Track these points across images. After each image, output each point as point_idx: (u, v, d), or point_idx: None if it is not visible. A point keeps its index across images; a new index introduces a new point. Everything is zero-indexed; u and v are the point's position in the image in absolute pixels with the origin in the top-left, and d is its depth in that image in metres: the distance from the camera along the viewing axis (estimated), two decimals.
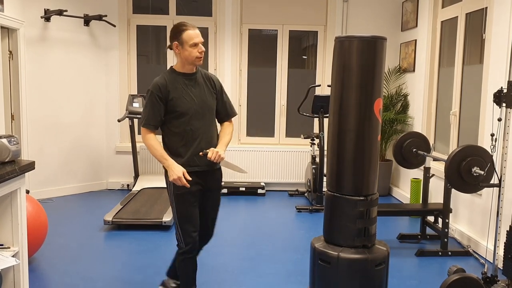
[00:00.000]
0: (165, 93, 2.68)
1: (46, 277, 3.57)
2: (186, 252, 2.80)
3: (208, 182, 2.84)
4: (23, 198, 2.66)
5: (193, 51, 2.67)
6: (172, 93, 2.69)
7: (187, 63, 2.72)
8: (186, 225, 2.77)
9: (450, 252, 4.10)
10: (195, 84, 2.77)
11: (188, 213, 2.77)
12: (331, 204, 2.83)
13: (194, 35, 2.67)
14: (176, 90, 2.70)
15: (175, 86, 2.71)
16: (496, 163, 3.38)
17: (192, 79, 2.77)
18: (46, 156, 5.79)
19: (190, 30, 2.68)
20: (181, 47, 2.69)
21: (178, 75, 2.75)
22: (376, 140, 2.76)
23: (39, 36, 5.65)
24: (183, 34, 2.67)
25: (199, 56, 2.69)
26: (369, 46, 2.68)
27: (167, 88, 2.68)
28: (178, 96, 2.70)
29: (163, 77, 2.73)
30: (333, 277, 2.73)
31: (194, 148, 2.74)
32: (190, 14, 6.48)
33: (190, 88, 2.75)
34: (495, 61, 3.99)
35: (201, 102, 2.75)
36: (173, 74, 2.75)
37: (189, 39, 2.66)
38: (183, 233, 2.77)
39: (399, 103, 6.16)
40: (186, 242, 2.78)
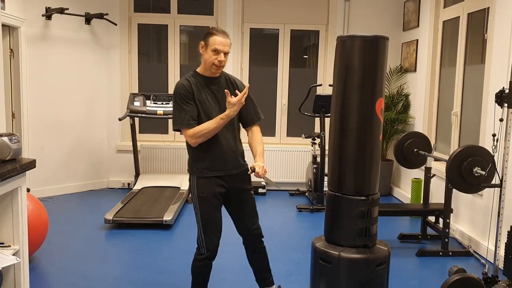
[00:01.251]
0: (191, 93, 2.67)
1: (47, 276, 3.57)
2: (206, 258, 2.77)
3: (232, 184, 2.81)
4: (24, 197, 2.66)
5: (212, 57, 2.65)
6: (196, 95, 2.68)
7: (206, 66, 2.71)
8: (210, 230, 2.75)
9: (451, 252, 4.10)
10: (218, 88, 2.75)
11: (212, 217, 2.76)
12: (332, 203, 2.83)
13: (219, 41, 2.65)
14: (200, 93, 2.69)
15: (198, 88, 2.70)
16: (498, 164, 3.37)
17: (214, 83, 2.75)
18: (47, 155, 5.79)
19: (219, 36, 2.66)
20: (204, 49, 2.69)
21: (201, 78, 2.74)
22: (377, 140, 2.75)
23: (40, 35, 5.64)
24: (210, 37, 2.66)
25: (216, 63, 2.66)
26: (371, 45, 2.67)
27: (192, 89, 2.68)
28: (201, 100, 2.69)
29: (186, 79, 2.73)
30: (334, 277, 2.73)
31: (217, 154, 2.73)
32: (191, 13, 6.47)
33: (213, 92, 2.74)
34: (497, 61, 3.98)
35: (223, 106, 2.70)
36: (196, 77, 2.74)
37: (213, 44, 2.64)
38: (206, 238, 2.74)
39: (401, 103, 6.16)
40: (208, 248, 2.75)
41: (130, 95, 5.87)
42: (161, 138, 6.46)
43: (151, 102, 5.82)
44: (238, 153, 2.83)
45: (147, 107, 5.76)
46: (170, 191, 5.75)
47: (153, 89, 6.30)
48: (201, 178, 2.75)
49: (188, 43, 6.80)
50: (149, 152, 6.33)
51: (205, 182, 2.74)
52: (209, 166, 2.73)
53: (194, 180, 2.76)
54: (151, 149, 6.33)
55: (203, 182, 2.75)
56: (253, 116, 2.88)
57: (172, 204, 5.16)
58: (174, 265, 3.78)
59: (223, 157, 2.75)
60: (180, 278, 3.51)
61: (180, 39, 6.46)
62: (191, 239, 4.41)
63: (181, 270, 3.65)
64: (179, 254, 4.04)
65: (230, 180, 2.79)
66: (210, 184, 2.74)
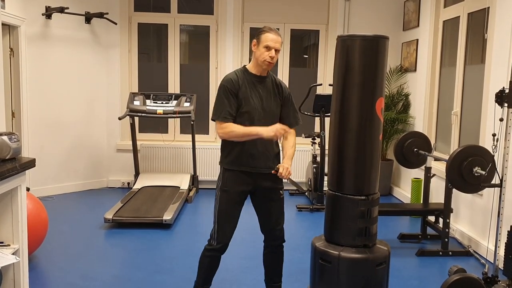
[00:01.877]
0: (237, 88, 2.73)
1: (46, 275, 3.57)
2: (215, 250, 2.82)
3: (260, 182, 2.83)
4: (23, 196, 2.66)
5: (264, 53, 2.72)
6: (242, 91, 2.74)
7: (257, 63, 2.77)
8: (224, 223, 2.79)
9: (451, 252, 4.10)
10: (263, 87, 2.81)
11: (229, 211, 2.80)
12: (332, 203, 2.83)
13: (271, 38, 2.72)
14: (246, 88, 2.75)
15: (245, 84, 2.76)
16: (498, 163, 3.37)
17: (261, 81, 2.81)
18: (46, 154, 5.78)
19: (271, 33, 2.73)
20: (256, 46, 2.76)
21: (249, 75, 2.80)
22: (377, 140, 2.75)
23: (40, 34, 5.64)
24: (263, 35, 2.74)
25: (268, 60, 2.72)
26: (371, 45, 2.67)
27: (239, 84, 2.74)
28: (246, 95, 2.74)
29: (235, 74, 2.79)
30: (334, 276, 2.72)
31: (249, 149, 2.76)
32: (191, 12, 6.47)
33: (258, 90, 2.79)
34: (497, 61, 3.98)
35: (265, 105, 2.79)
36: (245, 73, 2.80)
37: (265, 40, 2.72)
38: (219, 230, 2.79)
39: (401, 103, 6.15)
40: (219, 241, 2.79)
41: (130, 94, 5.87)
42: (161, 138, 6.46)
43: (151, 102, 5.82)
44: (272, 154, 2.86)
45: (147, 106, 5.76)
46: (170, 190, 5.75)
47: (153, 89, 6.30)
48: (228, 170, 2.79)
49: (188, 42, 6.80)
50: (149, 151, 6.33)
51: (231, 177, 2.78)
52: (239, 160, 2.77)
53: (221, 171, 2.82)
54: (151, 148, 6.33)
55: (229, 176, 2.78)
56: (292, 121, 2.93)
57: (171, 203, 5.16)
58: (174, 265, 3.78)
59: (255, 154, 2.78)
60: (180, 278, 3.51)
61: (180, 39, 6.46)
62: (191, 239, 4.43)
63: (181, 270, 3.65)
64: (178, 253, 4.04)
65: (259, 178, 2.82)
66: (235, 180, 2.77)
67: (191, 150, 6.11)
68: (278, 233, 2.96)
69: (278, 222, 2.94)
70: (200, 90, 6.40)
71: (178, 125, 6.55)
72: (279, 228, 2.95)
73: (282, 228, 2.96)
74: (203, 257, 2.88)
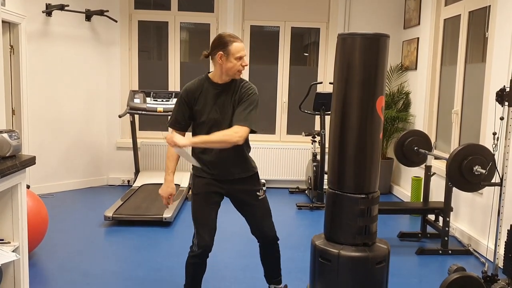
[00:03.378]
0: (191, 99, 2.70)
1: (46, 272, 3.57)
2: (197, 256, 2.77)
3: (231, 187, 2.80)
4: (23, 193, 2.66)
5: (237, 64, 2.65)
6: (199, 101, 2.69)
7: (226, 74, 2.68)
8: (200, 227, 2.75)
9: (451, 251, 4.10)
10: (225, 96, 2.72)
11: (202, 214, 2.76)
12: (332, 201, 2.83)
13: (241, 48, 2.65)
14: (205, 98, 2.70)
15: (203, 96, 2.70)
16: (498, 162, 3.37)
17: (224, 90, 2.72)
18: (46, 151, 5.79)
19: (238, 43, 2.65)
20: (225, 58, 2.64)
21: (212, 85, 2.72)
22: (378, 138, 2.75)
23: (40, 31, 5.63)
24: (231, 46, 2.62)
25: (241, 69, 2.68)
26: (372, 43, 2.67)
27: (194, 95, 2.69)
28: (203, 107, 2.70)
29: (194, 84, 2.74)
30: (334, 275, 2.73)
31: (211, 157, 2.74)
32: (192, 10, 6.46)
33: (218, 98, 2.71)
34: (498, 59, 3.98)
35: (223, 113, 2.70)
36: (206, 83, 2.73)
37: (236, 52, 2.63)
38: (197, 235, 2.75)
39: (401, 101, 6.15)
40: (199, 246, 2.74)
41: (130, 92, 5.87)
42: (161, 136, 6.46)
43: (151, 99, 5.82)
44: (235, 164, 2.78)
45: (147, 104, 5.75)
46: None
47: (153, 86, 6.30)
48: (196, 176, 2.80)
49: (188, 40, 6.79)
50: (149, 149, 6.32)
51: (200, 181, 2.78)
52: (204, 168, 2.77)
53: (191, 176, 2.80)
54: (151, 146, 6.33)
55: (198, 180, 2.79)
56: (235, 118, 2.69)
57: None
58: (174, 262, 3.78)
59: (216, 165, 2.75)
60: (179, 276, 3.50)
61: (180, 36, 6.45)
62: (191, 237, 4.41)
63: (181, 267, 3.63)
64: (178, 251, 4.04)
65: (228, 184, 2.79)
66: (204, 183, 2.76)
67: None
68: (267, 232, 2.91)
69: (264, 222, 2.89)
70: None
71: None
72: (266, 228, 2.89)
73: (270, 226, 2.91)
74: (188, 264, 2.84)
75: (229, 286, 3.39)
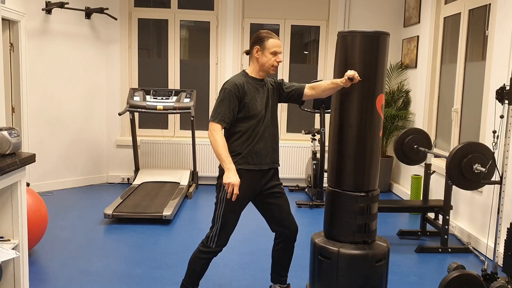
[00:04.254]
0: (242, 93, 2.72)
1: (46, 270, 3.58)
2: (212, 253, 2.81)
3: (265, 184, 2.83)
4: (23, 191, 2.66)
5: (272, 59, 2.74)
6: (248, 95, 2.73)
7: (262, 69, 2.78)
8: (228, 229, 2.79)
9: (450, 249, 4.10)
10: (265, 90, 2.83)
11: (233, 219, 2.80)
12: (331, 199, 2.83)
13: (277, 44, 2.75)
14: (250, 92, 2.75)
15: (249, 88, 2.75)
16: (498, 160, 3.37)
17: (262, 84, 2.83)
18: (46, 149, 5.78)
19: (275, 39, 2.76)
20: (261, 53, 2.75)
21: (252, 79, 2.80)
22: (377, 136, 2.75)
23: (40, 29, 5.63)
24: (268, 41, 2.75)
25: (275, 64, 2.76)
26: (372, 41, 2.67)
27: (244, 89, 2.73)
28: (251, 99, 2.74)
29: (240, 78, 2.77)
30: (333, 272, 2.73)
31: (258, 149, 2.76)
32: (191, 8, 6.45)
33: (260, 93, 2.80)
34: (498, 58, 3.98)
35: (268, 106, 2.80)
36: (247, 77, 2.80)
37: (272, 47, 2.73)
38: (220, 235, 2.78)
39: (401, 99, 6.15)
40: (218, 244, 2.79)
41: (130, 90, 5.86)
42: (161, 133, 6.46)
43: (151, 97, 5.82)
44: (276, 149, 2.87)
45: (147, 102, 5.75)
46: (170, 186, 5.76)
47: (153, 84, 6.30)
48: None
49: (188, 38, 6.79)
50: (149, 147, 6.32)
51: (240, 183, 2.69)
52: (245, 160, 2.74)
53: None
54: (150, 144, 6.32)
55: None
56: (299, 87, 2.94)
57: (171, 199, 5.16)
58: (173, 260, 3.78)
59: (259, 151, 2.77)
60: (179, 273, 3.51)
61: (180, 34, 6.45)
62: (190, 234, 4.43)
63: (180, 265, 3.65)
64: (178, 249, 4.05)
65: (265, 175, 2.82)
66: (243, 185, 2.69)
67: (191, 146, 6.11)
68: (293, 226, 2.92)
69: (290, 215, 2.93)
70: (200, 86, 6.40)
71: (178, 121, 6.55)
72: (292, 221, 2.92)
73: (294, 220, 2.94)
74: (197, 259, 2.84)
75: (229, 284, 3.40)
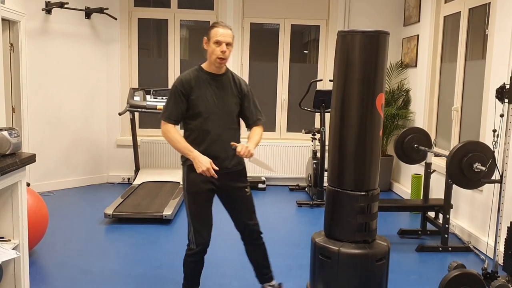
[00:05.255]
0: (188, 89, 2.66)
1: (47, 270, 3.58)
2: (197, 254, 2.78)
3: (224, 181, 2.75)
4: (23, 191, 2.66)
5: (216, 49, 2.64)
6: (195, 91, 2.66)
7: (210, 61, 2.70)
8: (198, 224, 2.74)
9: (451, 248, 4.10)
10: (220, 86, 2.73)
11: (200, 211, 2.74)
12: (332, 199, 2.83)
13: (220, 33, 2.64)
14: (200, 89, 2.67)
15: (199, 84, 2.68)
16: (498, 159, 3.37)
17: (217, 80, 2.73)
18: (46, 149, 5.79)
19: (220, 28, 2.66)
20: (207, 43, 2.69)
21: (204, 74, 2.72)
22: (377, 135, 2.75)
23: (40, 29, 5.63)
24: (212, 30, 2.68)
25: (220, 55, 2.64)
26: (372, 40, 2.67)
27: (190, 85, 2.66)
28: (200, 95, 2.67)
29: (189, 74, 2.72)
30: (334, 272, 2.73)
31: (206, 149, 2.69)
32: (191, 8, 6.45)
33: (214, 89, 2.71)
34: (498, 56, 3.97)
35: (221, 104, 2.71)
36: (200, 72, 2.73)
37: (214, 36, 2.65)
38: (195, 233, 2.74)
39: (401, 99, 6.15)
40: (198, 243, 2.75)
41: (130, 90, 5.86)
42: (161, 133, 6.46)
43: (151, 97, 5.82)
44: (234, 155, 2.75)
45: (147, 102, 5.75)
46: (170, 186, 5.76)
47: (153, 84, 6.29)
48: (191, 172, 2.70)
49: (188, 38, 6.79)
50: (149, 147, 6.32)
51: (195, 178, 2.69)
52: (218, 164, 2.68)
53: (184, 171, 2.75)
54: (151, 144, 6.32)
55: (193, 177, 2.70)
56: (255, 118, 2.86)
57: (172, 199, 5.16)
58: (174, 260, 3.78)
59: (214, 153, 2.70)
60: (179, 273, 3.50)
61: (180, 34, 6.44)
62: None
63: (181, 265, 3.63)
64: (178, 248, 4.05)
65: (223, 179, 2.74)
66: (200, 181, 2.69)
67: None
68: (253, 228, 2.89)
69: (251, 217, 2.88)
70: None
71: None
72: (253, 223, 2.89)
73: (256, 222, 2.91)
74: (187, 262, 2.83)
75: (229, 283, 3.40)
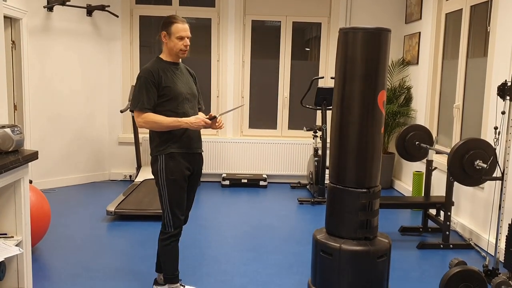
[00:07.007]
0: (157, 78, 2.79)
1: (49, 267, 3.59)
2: (174, 235, 2.93)
3: (194, 165, 2.93)
4: (26, 188, 2.67)
5: (178, 44, 2.83)
6: (164, 79, 2.80)
7: (171, 53, 2.88)
8: (177, 209, 2.88)
9: (452, 245, 4.11)
10: (180, 73, 2.93)
11: (180, 197, 2.88)
12: (333, 196, 2.84)
13: (182, 28, 2.83)
14: (167, 76, 2.82)
15: (165, 73, 2.83)
16: (499, 157, 3.37)
17: (178, 68, 2.93)
18: (48, 147, 5.80)
19: (179, 23, 2.84)
20: (168, 38, 2.85)
21: (166, 63, 2.89)
22: (379, 133, 2.76)
23: (41, 26, 5.63)
24: (172, 26, 2.83)
25: (183, 49, 2.85)
26: (374, 37, 2.67)
27: (159, 74, 2.80)
28: (170, 81, 2.82)
29: (154, 65, 2.86)
30: (335, 268, 2.74)
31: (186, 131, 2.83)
32: (193, 5, 6.45)
33: (179, 75, 2.89)
34: (500, 54, 3.97)
35: (189, 88, 2.92)
36: (161, 62, 2.89)
37: (177, 32, 2.83)
38: (173, 217, 2.89)
39: (402, 96, 6.15)
40: (175, 226, 2.91)
41: (132, 87, 5.87)
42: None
43: None
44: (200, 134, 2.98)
45: None
46: None
47: None
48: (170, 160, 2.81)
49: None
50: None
51: (175, 166, 2.81)
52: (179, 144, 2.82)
53: (162, 161, 2.82)
54: None
55: (172, 164, 2.81)
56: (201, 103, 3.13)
57: None
58: None
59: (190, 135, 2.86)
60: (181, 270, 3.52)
61: None
62: (192, 231, 4.44)
63: (182, 261, 3.66)
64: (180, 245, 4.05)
65: (195, 160, 2.92)
66: (180, 169, 2.83)
67: None
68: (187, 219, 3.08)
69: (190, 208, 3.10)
70: (201, 83, 6.35)
71: None
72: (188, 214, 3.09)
73: None
74: (166, 246, 2.94)
75: (230, 280, 3.41)
